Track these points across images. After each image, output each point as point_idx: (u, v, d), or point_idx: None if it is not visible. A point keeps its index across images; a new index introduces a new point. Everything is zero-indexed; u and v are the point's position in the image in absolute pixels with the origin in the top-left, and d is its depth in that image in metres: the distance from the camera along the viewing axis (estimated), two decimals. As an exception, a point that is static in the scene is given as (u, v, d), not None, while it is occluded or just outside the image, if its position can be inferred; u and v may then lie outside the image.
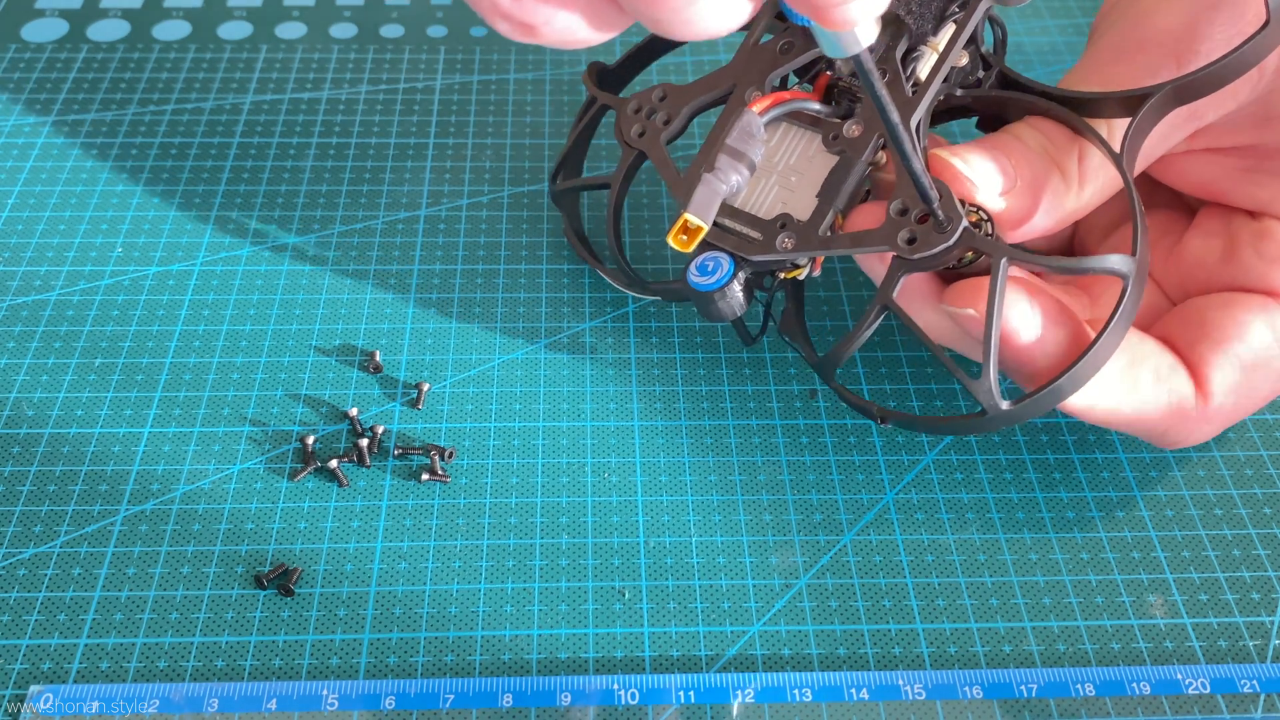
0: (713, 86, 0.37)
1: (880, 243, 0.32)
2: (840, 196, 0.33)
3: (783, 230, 0.34)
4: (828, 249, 0.33)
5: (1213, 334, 0.34)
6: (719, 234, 0.34)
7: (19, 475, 0.37)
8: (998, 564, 0.35)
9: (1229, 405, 0.34)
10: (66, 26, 0.56)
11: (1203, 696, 0.32)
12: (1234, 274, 0.35)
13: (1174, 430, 0.34)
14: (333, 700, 0.32)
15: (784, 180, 0.34)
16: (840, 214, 0.33)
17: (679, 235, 0.31)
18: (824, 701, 0.32)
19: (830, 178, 0.34)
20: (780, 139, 0.35)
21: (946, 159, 0.32)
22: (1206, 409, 0.34)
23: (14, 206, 0.46)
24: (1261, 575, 0.35)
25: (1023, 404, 0.32)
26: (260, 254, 0.44)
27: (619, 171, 0.39)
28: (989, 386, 0.31)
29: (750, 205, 0.34)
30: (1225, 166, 0.36)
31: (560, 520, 0.36)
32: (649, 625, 0.34)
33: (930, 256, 0.31)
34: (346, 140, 0.49)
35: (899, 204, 0.32)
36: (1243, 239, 0.35)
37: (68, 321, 0.41)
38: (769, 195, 0.34)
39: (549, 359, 0.41)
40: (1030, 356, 0.32)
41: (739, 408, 0.39)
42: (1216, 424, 0.35)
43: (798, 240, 0.33)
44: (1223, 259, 0.36)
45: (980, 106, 0.36)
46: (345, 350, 0.41)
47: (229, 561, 0.35)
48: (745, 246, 0.34)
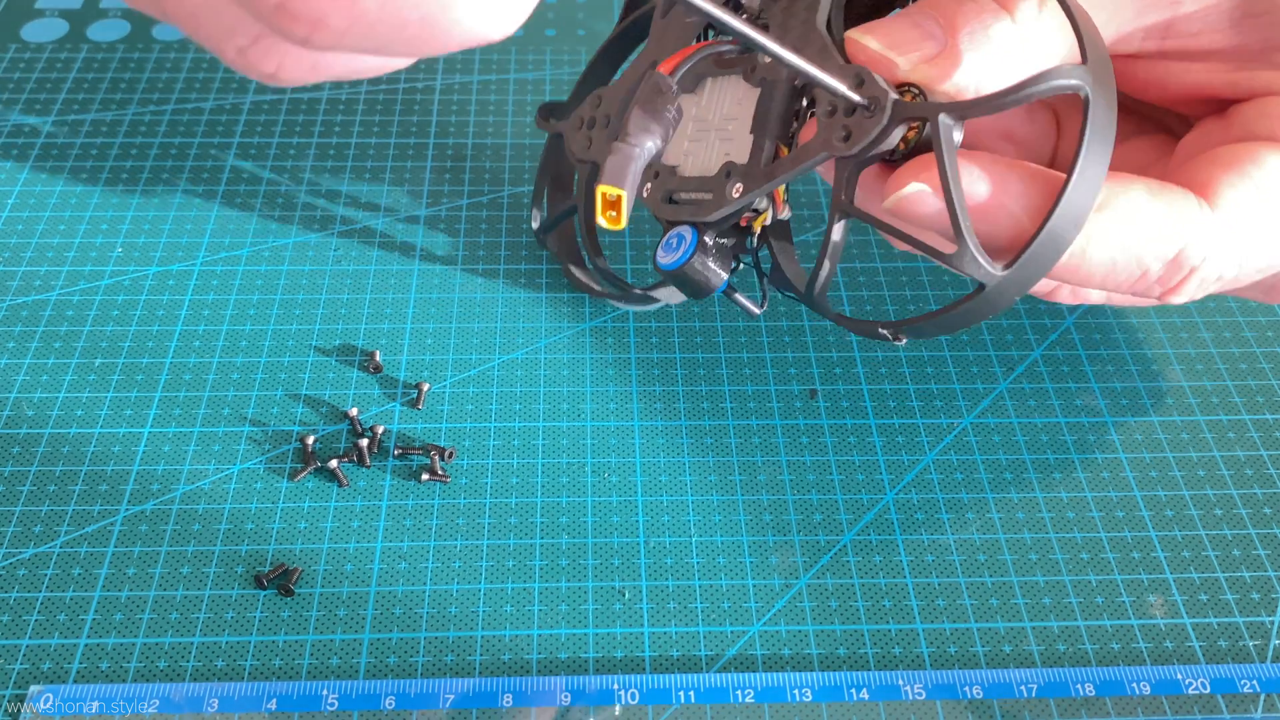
0: (637, 72, 0.36)
1: (819, 151, 0.30)
2: (772, 123, 0.32)
3: (729, 178, 0.32)
4: (774, 178, 0.31)
5: (1221, 160, 0.30)
6: (674, 210, 0.33)
7: (19, 475, 0.37)
8: (998, 564, 0.35)
9: (1246, 223, 0.30)
10: (66, 26, 0.56)
11: (1203, 696, 0.32)
12: (1240, 137, 0.32)
13: (1185, 253, 0.29)
14: (333, 700, 0.32)
15: (722, 132, 0.33)
16: (782, 143, 0.32)
17: (605, 212, 0.29)
18: (824, 701, 0.32)
19: (759, 109, 0.32)
20: (709, 95, 0.34)
21: (856, 38, 0.30)
22: (1215, 217, 0.29)
23: (14, 206, 0.46)
24: (1261, 575, 0.35)
25: (1020, 262, 0.28)
26: (260, 254, 0.44)
27: (581, 190, 0.38)
28: (972, 255, 0.28)
29: (699, 169, 0.33)
30: (1210, 68, 0.33)
31: (560, 520, 0.36)
32: (649, 625, 0.34)
33: (871, 143, 0.29)
34: (346, 140, 0.49)
35: (826, 105, 0.30)
36: (1243, 109, 0.33)
37: (68, 321, 0.41)
38: (713, 152, 0.33)
39: (549, 359, 0.41)
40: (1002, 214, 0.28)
41: (739, 408, 0.39)
42: (1238, 242, 0.30)
43: (745, 181, 0.32)
44: (1224, 132, 0.33)
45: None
46: (345, 350, 0.41)
47: (229, 561, 0.35)
48: (702, 210, 0.32)
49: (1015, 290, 0.29)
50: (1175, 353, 0.41)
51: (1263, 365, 0.41)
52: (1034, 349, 0.41)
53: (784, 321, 0.42)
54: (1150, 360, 0.41)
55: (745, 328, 0.42)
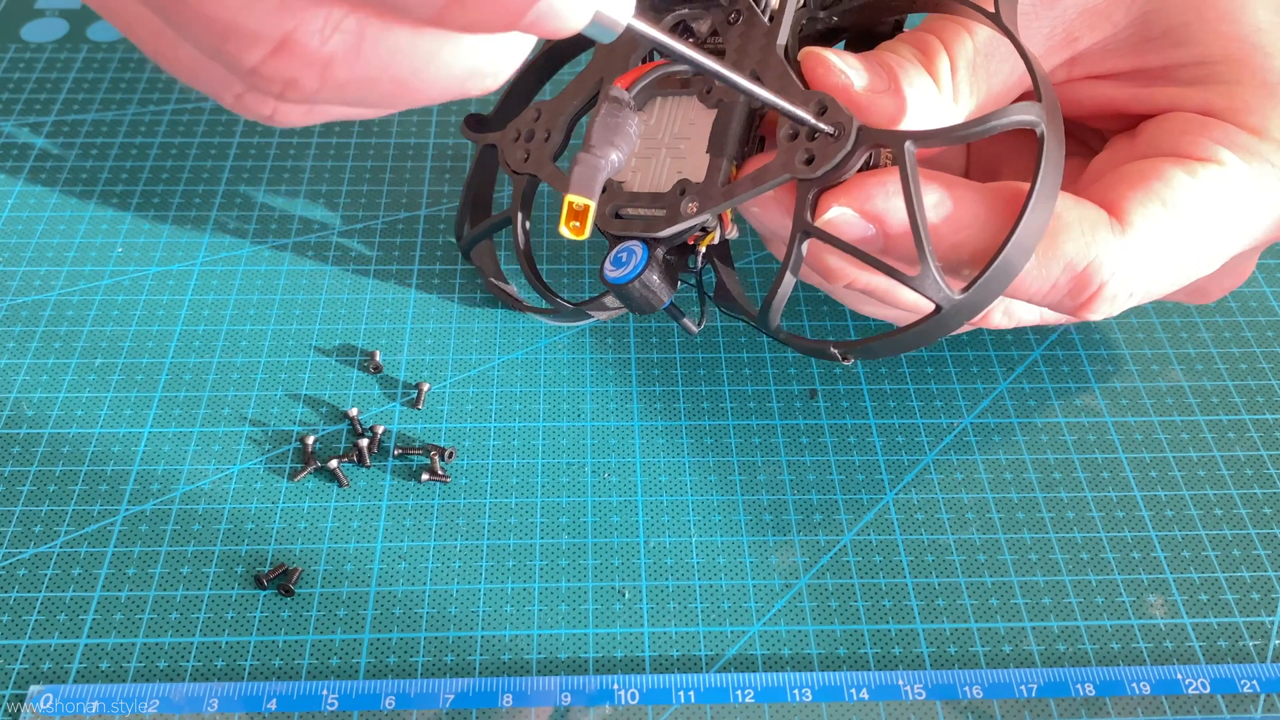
0: (583, 88, 0.36)
1: (780, 173, 0.31)
2: (729, 143, 0.32)
3: (683, 196, 0.32)
4: (731, 198, 0.32)
5: (1131, 179, 0.32)
6: (624, 224, 0.33)
7: (19, 475, 0.37)
8: (998, 564, 0.35)
9: (1154, 241, 0.31)
10: (66, 26, 0.56)
11: (1203, 696, 0.32)
12: (1146, 154, 0.34)
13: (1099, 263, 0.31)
14: (333, 700, 0.32)
15: (674, 150, 0.33)
16: (735, 163, 0.32)
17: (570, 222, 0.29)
18: (824, 701, 0.32)
19: (715, 129, 0.33)
20: (659, 113, 0.34)
21: (819, 53, 0.31)
22: (1125, 238, 0.31)
23: (14, 206, 0.46)
24: (1261, 575, 0.35)
25: (975, 287, 0.29)
26: (260, 254, 0.44)
27: (515, 202, 0.38)
28: (934, 278, 0.29)
29: (649, 185, 0.33)
30: (1117, 87, 0.35)
31: (560, 520, 0.36)
32: (649, 625, 0.34)
33: (835, 167, 0.30)
34: (346, 140, 0.49)
35: (787, 129, 0.31)
36: (1149, 125, 0.34)
37: (68, 321, 0.41)
38: (664, 170, 0.33)
39: (549, 359, 0.41)
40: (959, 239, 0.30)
41: (739, 408, 0.39)
42: (1145, 263, 0.31)
43: (700, 200, 0.32)
44: (1131, 150, 0.34)
45: (848, 22, 0.35)
46: (345, 350, 0.41)
47: (229, 561, 0.35)
48: (653, 225, 0.33)
49: (969, 313, 0.30)
50: (1175, 353, 0.41)
51: (1263, 365, 0.41)
52: (1034, 349, 0.41)
53: (784, 322, 0.42)
54: (1150, 360, 0.41)
55: (746, 328, 0.42)
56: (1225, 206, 0.32)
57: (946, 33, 0.33)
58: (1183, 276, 0.33)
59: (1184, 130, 0.33)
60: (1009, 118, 0.29)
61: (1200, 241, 0.32)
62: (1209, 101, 0.33)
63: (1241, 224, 0.33)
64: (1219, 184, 0.32)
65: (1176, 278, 0.33)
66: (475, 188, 0.43)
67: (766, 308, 0.32)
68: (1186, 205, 0.32)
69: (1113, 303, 0.32)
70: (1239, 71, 0.33)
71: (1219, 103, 0.33)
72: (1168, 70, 0.34)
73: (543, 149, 0.36)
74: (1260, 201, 0.33)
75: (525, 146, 0.37)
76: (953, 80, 0.32)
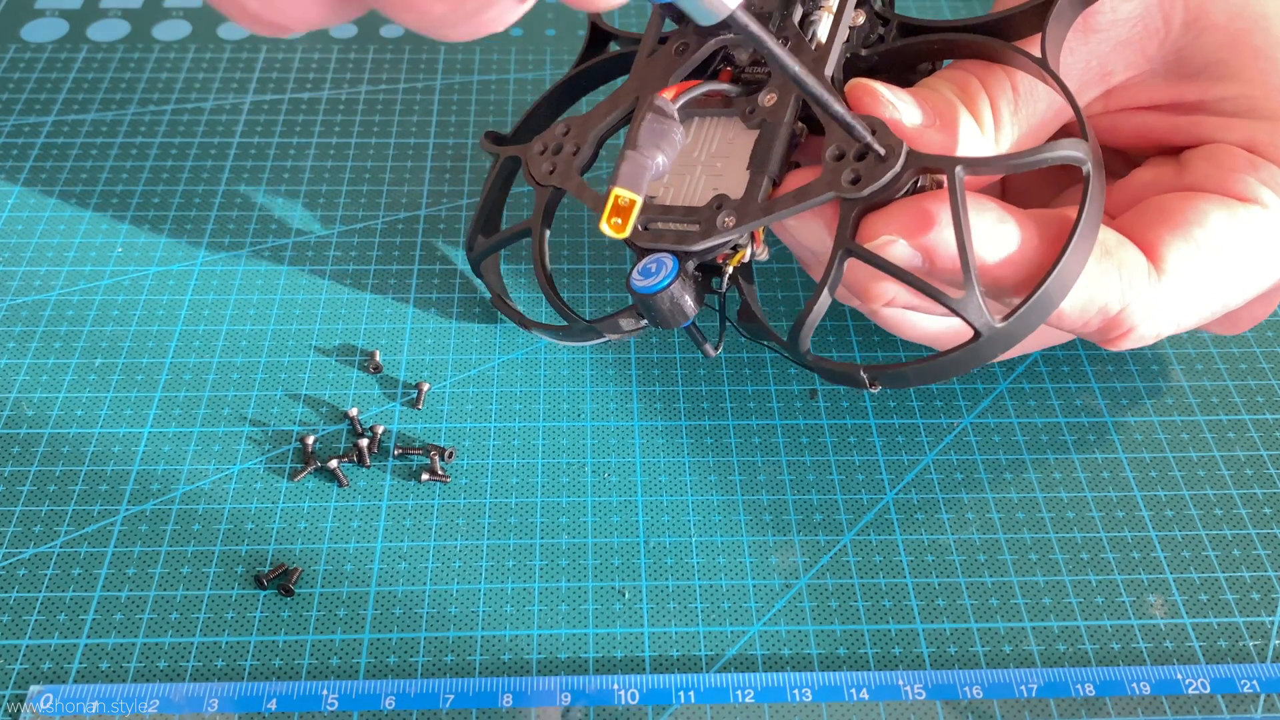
0: (616, 106, 0.36)
1: (823, 190, 0.31)
2: (772, 162, 0.32)
3: (720, 210, 0.32)
4: (771, 214, 0.31)
5: (1170, 217, 0.32)
6: (654, 236, 0.33)
7: (19, 475, 0.37)
8: (998, 564, 0.35)
9: (1187, 288, 0.32)
10: (66, 26, 0.56)
11: (1203, 696, 0.32)
12: (1190, 185, 0.34)
13: (1128, 312, 0.31)
14: (333, 700, 0.32)
15: (710, 168, 0.33)
16: (774, 182, 0.32)
17: (612, 218, 0.29)
18: (824, 701, 0.32)
19: (757, 148, 0.33)
20: (697, 131, 0.34)
21: (868, 84, 0.31)
22: (1160, 285, 0.32)
23: (14, 206, 0.46)
24: (1261, 575, 0.35)
25: (1016, 316, 0.29)
26: (260, 254, 0.44)
27: (537, 214, 0.38)
28: (977, 303, 0.29)
29: (682, 199, 0.33)
30: (1157, 117, 0.35)
31: (560, 520, 0.36)
32: (649, 625, 0.34)
33: (881, 188, 0.30)
34: (346, 140, 0.49)
35: (834, 149, 0.31)
36: (1196, 156, 0.34)
37: (68, 321, 0.41)
38: (698, 186, 0.33)
39: (549, 359, 0.41)
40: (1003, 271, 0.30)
41: (739, 408, 0.39)
42: (1175, 308, 0.32)
43: (739, 215, 0.32)
44: (1175, 177, 0.34)
45: (887, 62, 0.35)
46: (345, 350, 0.41)
47: (229, 561, 0.35)
48: (686, 239, 0.32)
49: (1005, 343, 0.30)
50: (1175, 352, 0.41)
51: (1263, 365, 0.41)
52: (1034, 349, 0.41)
53: (784, 322, 0.42)
54: (1150, 360, 0.41)
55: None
56: (1262, 247, 0.32)
57: (985, 73, 0.33)
58: (1213, 313, 0.34)
59: (1231, 166, 0.33)
60: (1058, 153, 0.30)
61: (1234, 282, 0.33)
62: (1252, 136, 0.33)
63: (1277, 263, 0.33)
64: (1258, 225, 0.32)
65: (1207, 315, 0.34)
66: (493, 201, 0.42)
67: (800, 326, 0.32)
68: (1223, 248, 0.32)
69: (1141, 341, 0.33)
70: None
71: (1262, 137, 0.33)
72: (1205, 104, 0.34)
73: (570, 162, 0.36)
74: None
75: (552, 159, 0.36)
76: (994, 121, 0.33)
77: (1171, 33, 0.33)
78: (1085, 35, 0.34)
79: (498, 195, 0.42)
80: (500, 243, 0.41)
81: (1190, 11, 0.33)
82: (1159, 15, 0.33)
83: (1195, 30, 0.33)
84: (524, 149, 0.37)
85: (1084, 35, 0.34)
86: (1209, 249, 0.32)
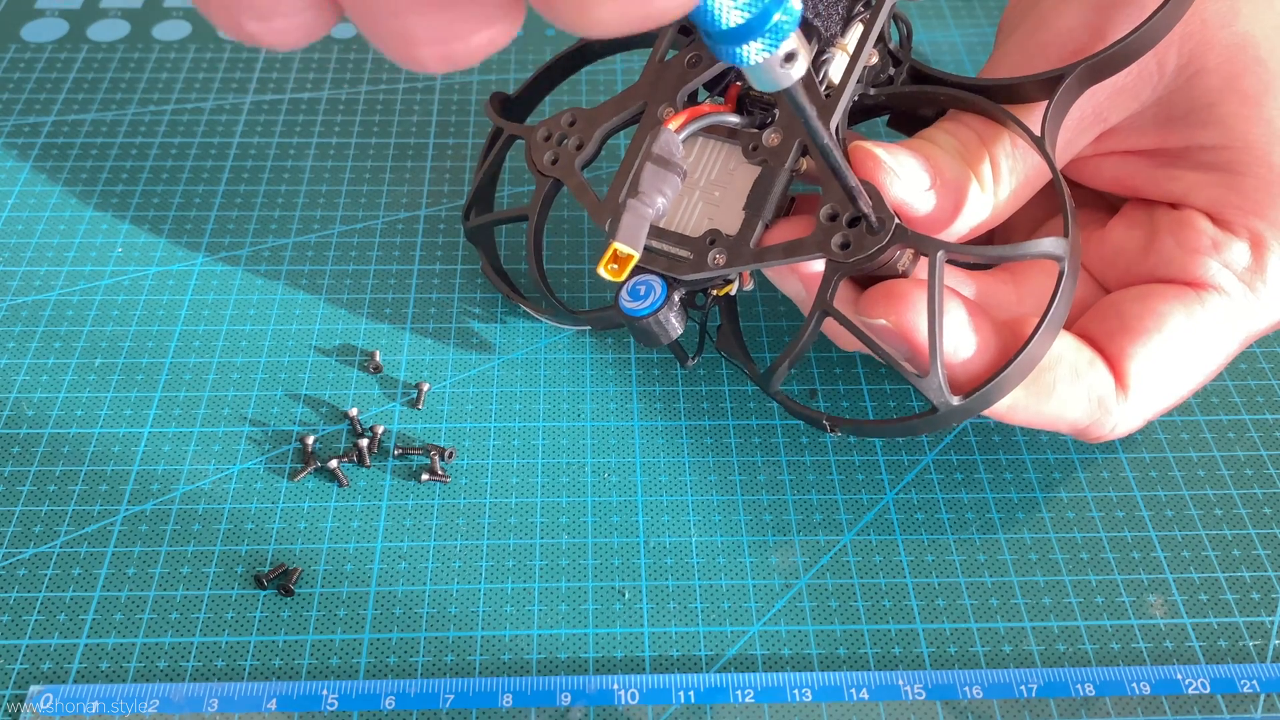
0: (623, 107, 0.36)
1: (813, 250, 0.32)
2: (768, 207, 0.33)
3: (713, 246, 0.33)
4: (761, 261, 0.33)
5: (1131, 326, 0.34)
6: (648, 256, 0.34)
7: (19, 475, 0.37)
8: (998, 564, 0.35)
9: (1151, 398, 0.34)
10: (66, 26, 0.56)
11: (1203, 696, 0.32)
12: (1154, 264, 0.35)
13: (1097, 425, 0.34)
14: (333, 700, 0.32)
15: (707, 195, 0.34)
16: (766, 225, 0.33)
17: (609, 265, 0.31)
18: (824, 701, 0.32)
19: (755, 188, 0.33)
20: (699, 154, 0.35)
21: (870, 149, 0.32)
22: (1127, 402, 0.34)
23: (14, 206, 0.46)
24: (1261, 575, 0.35)
25: (972, 398, 0.31)
26: (260, 254, 0.44)
27: (535, 201, 0.38)
28: (938, 384, 0.31)
29: (676, 224, 0.34)
30: (1137, 164, 0.36)
31: (560, 520, 0.36)
32: (649, 625, 0.34)
33: (865, 258, 0.32)
34: (346, 140, 0.49)
35: (829, 209, 0.32)
36: (1163, 228, 0.35)
37: (68, 321, 0.41)
38: (694, 212, 0.34)
39: (549, 359, 0.41)
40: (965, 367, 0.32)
41: (739, 408, 0.39)
42: (1140, 416, 0.34)
43: (729, 255, 0.33)
44: (1143, 249, 0.36)
45: (894, 104, 0.35)
46: (345, 350, 0.41)
47: (229, 561, 0.35)
48: (676, 266, 0.34)
49: (961, 416, 0.32)
50: (1175, 353, 0.41)
51: (1263, 365, 0.41)
52: (1034, 349, 0.41)
53: (784, 322, 0.42)
54: (1150, 360, 0.41)
55: (746, 329, 0.42)
56: (1221, 335, 0.34)
57: (986, 129, 0.34)
58: (1181, 400, 0.35)
59: (1194, 248, 0.34)
60: (1038, 249, 0.31)
61: (1197, 372, 0.35)
62: (1223, 196, 0.34)
63: (1240, 343, 0.35)
64: (1217, 316, 0.34)
65: (1174, 404, 0.35)
66: (491, 173, 0.42)
67: (774, 370, 0.34)
68: (1184, 348, 0.34)
69: (1111, 438, 0.35)
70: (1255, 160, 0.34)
71: (1232, 199, 0.34)
72: (1188, 152, 0.35)
73: (573, 156, 0.37)
74: (1261, 318, 0.34)
75: (555, 149, 0.37)
76: (994, 178, 0.33)
77: (1165, 77, 0.34)
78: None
79: (494, 169, 0.42)
80: (496, 221, 0.41)
81: (1183, 57, 0.34)
82: (1153, 61, 0.34)
83: (1188, 74, 0.34)
84: (528, 131, 0.38)
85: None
86: (1171, 354, 0.34)
